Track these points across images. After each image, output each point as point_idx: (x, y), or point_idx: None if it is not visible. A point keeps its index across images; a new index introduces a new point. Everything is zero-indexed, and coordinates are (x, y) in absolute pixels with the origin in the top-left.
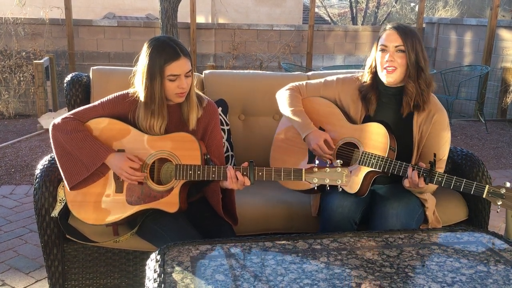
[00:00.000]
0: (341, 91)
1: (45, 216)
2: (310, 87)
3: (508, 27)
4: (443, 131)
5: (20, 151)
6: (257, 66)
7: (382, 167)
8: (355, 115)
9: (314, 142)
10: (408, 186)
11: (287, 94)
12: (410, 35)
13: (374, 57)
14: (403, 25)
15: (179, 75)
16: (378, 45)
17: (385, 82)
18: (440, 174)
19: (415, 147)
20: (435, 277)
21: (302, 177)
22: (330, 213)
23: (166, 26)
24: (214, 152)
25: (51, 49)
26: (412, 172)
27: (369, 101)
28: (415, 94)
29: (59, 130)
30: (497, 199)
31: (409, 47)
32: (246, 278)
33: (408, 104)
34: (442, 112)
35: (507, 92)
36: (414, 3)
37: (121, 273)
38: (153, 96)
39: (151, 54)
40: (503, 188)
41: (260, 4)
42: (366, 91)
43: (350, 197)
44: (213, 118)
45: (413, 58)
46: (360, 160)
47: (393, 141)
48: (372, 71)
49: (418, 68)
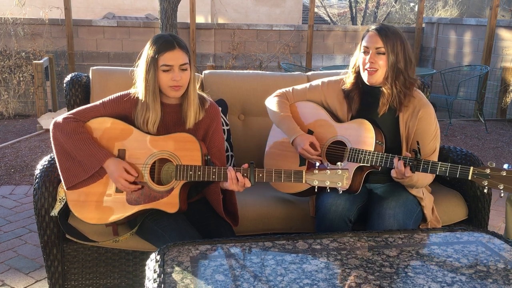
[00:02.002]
0: (326, 94)
1: (45, 216)
2: (296, 93)
3: (507, 27)
4: (429, 125)
5: (19, 151)
6: (256, 66)
7: (370, 161)
8: (343, 116)
9: (300, 146)
10: (395, 176)
11: (275, 101)
12: (391, 37)
13: (357, 57)
14: (386, 26)
15: (172, 65)
16: (361, 46)
17: (367, 82)
18: (425, 161)
19: (403, 144)
20: (435, 277)
21: (302, 179)
22: (324, 211)
23: (165, 26)
24: (215, 153)
25: (50, 49)
26: (398, 162)
27: (352, 100)
28: (390, 96)
29: (60, 130)
30: (483, 180)
31: (389, 49)
32: (246, 278)
33: (384, 105)
34: (427, 106)
35: (507, 91)
36: (414, 3)
37: (121, 273)
38: (148, 87)
39: (149, 47)
40: (487, 168)
41: (259, 4)
42: (349, 90)
43: (344, 195)
44: (214, 119)
45: (392, 60)
46: (348, 157)
47: (380, 135)
48: (356, 71)
49: (396, 70)
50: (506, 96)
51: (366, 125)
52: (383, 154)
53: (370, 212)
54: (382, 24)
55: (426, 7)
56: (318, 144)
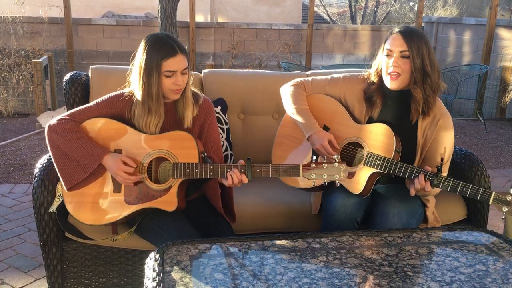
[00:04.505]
0: (346, 89)
1: (44, 214)
2: (316, 84)
3: (507, 26)
4: (447, 136)
5: (19, 150)
6: (256, 65)
7: (387, 168)
8: (359, 116)
9: (319, 142)
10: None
11: (292, 90)
12: (416, 40)
13: (380, 60)
14: (410, 28)
15: (176, 71)
16: (384, 49)
17: (388, 87)
18: (446, 178)
19: (418, 151)
20: (434, 276)
21: (299, 173)
22: (333, 212)
23: (165, 25)
24: (212, 148)
25: (50, 47)
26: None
27: (374, 104)
28: (421, 100)
29: (55, 132)
30: (502, 206)
31: (414, 53)
32: (245, 277)
33: (417, 110)
34: (447, 116)
35: (506, 91)
36: (413, 2)
37: (120, 272)
38: (150, 92)
39: (149, 50)
40: (509, 195)
41: (259, 3)
42: (371, 93)
43: (353, 197)
44: (209, 115)
45: (419, 64)
46: (365, 161)
47: (399, 143)
48: (379, 74)
49: (424, 73)
50: (505, 96)
51: (387, 131)
52: (402, 164)
53: (374, 212)
54: (406, 26)
55: (425, 6)
56: (336, 143)
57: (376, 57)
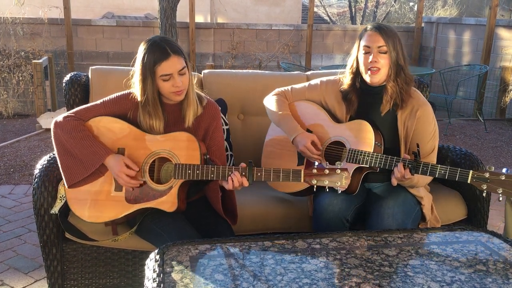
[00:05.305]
0: (325, 93)
1: (44, 215)
2: (295, 92)
3: (507, 26)
4: (428, 125)
5: (19, 151)
6: (256, 65)
7: (369, 162)
8: (341, 116)
9: (302, 144)
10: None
11: (274, 99)
12: (391, 35)
13: (355, 58)
14: (383, 25)
15: (171, 74)
16: (360, 46)
17: (369, 82)
18: (424, 163)
19: (401, 143)
20: (434, 277)
21: (301, 178)
22: (321, 211)
23: (165, 26)
24: (215, 152)
25: (50, 48)
26: (398, 164)
27: (350, 102)
28: (394, 92)
29: (61, 128)
30: (482, 184)
31: (391, 47)
32: (245, 277)
33: (388, 102)
34: (425, 106)
35: (506, 91)
36: (413, 3)
37: (120, 273)
38: (147, 97)
39: (143, 56)
40: (486, 172)
41: (259, 4)
42: (346, 91)
43: (340, 195)
44: (214, 119)
45: (394, 58)
46: (347, 158)
47: (379, 136)
48: (353, 72)
49: (398, 67)
50: (505, 96)
51: (366, 126)
52: (382, 156)
53: (369, 212)
54: (378, 23)
55: (425, 6)
56: (319, 143)
57: (350, 55)
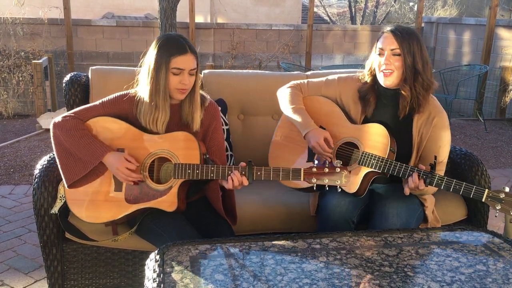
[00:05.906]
0: (342, 90)
1: (44, 216)
2: (312, 86)
3: (507, 26)
4: (443, 134)
5: (19, 151)
6: (256, 65)
7: (381, 168)
8: (355, 116)
9: (314, 140)
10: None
11: (288, 92)
12: (407, 38)
13: (373, 59)
14: (401, 27)
15: (183, 69)
16: (376, 48)
17: (382, 84)
18: (440, 177)
19: (414, 150)
20: (434, 276)
21: (300, 177)
22: (328, 212)
23: (165, 26)
24: (216, 152)
25: (50, 49)
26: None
27: (367, 103)
28: (410, 97)
29: (59, 128)
30: (496, 204)
31: (405, 50)
32: (246, 277)
33: (404, 107)
34: (442, 114)
35: (506, 91)
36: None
37: (121, 273)
38: (158, 88)
39: (160, 47)
40: (502, 192)
41: (259, 4)
42: (365, 92)
43: (348, 197)
44: (214, 119)
45: (409, 62)
46: (360, 160)
47: (393, 143)
48: (372, 73)
49: (414, 71)
50: (505, 96)
51: (382, 130)
52: (396, 163)
53: (373, 212)
54: (397, 25)
55: (425, 6)
56: (332, 141)
57: (369, 57)
